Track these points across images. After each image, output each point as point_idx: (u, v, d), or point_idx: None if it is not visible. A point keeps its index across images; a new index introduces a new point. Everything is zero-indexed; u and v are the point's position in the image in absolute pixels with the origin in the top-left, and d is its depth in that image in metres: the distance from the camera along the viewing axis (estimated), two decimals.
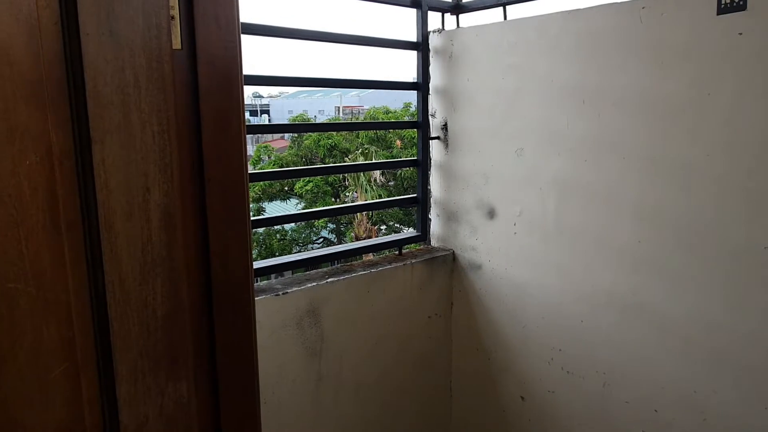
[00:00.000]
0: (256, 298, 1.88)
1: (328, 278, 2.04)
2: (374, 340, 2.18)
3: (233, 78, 1.05)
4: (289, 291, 1.92)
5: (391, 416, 2.29)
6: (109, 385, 0.91)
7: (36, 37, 0.79)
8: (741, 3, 1.49)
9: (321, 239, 16.90)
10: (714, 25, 1.56)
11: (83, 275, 0.87)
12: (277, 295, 1.90)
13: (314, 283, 1.99)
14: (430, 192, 2.46)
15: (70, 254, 0.85)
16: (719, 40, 1.55)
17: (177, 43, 0.98)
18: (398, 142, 15.15)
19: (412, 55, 2.33)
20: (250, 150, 17.78)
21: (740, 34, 1.51)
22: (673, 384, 1.77)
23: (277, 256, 14.72)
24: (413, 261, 2.28)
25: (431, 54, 2.32)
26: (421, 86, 2.32)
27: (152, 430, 0.97)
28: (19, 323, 0.80)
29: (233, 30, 1.05)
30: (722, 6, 1.53)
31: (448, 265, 2.40)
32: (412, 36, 2.30)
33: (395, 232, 16.13)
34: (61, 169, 0.83)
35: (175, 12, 0.97)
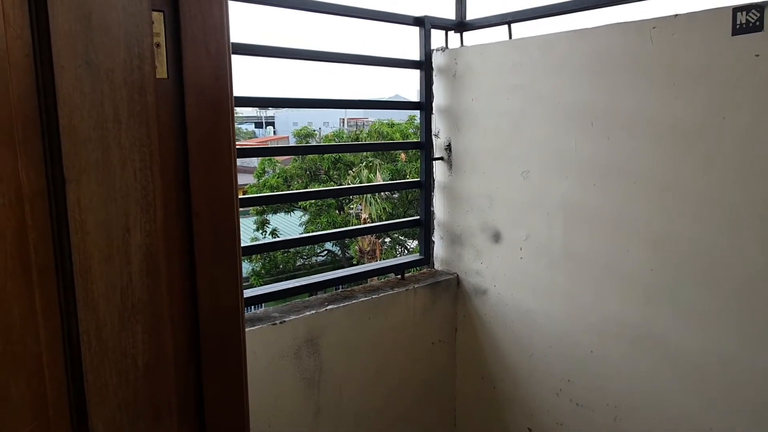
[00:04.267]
0: (252, 328, 1.81)
1: (327, 305, 1.97)
2: (375, 368, 2.11)
3: (223, 107, 0.99)
4: (286, 319, 1.85)
5: None
6: None
7: (5, 71, 0.73)
8: (758, 24, 1.43)
9: (325, 251, 16.84)
10: (729, 46, 1.49)
11: (56, 324, 0.80)
12: (274, 323, 1.83)
13: (313, 311, 1.92)
14: (434, 214, 2.39)
15: (41, 302, 0.78)
16: (734, 62, 1.49)
17: (163, 73, 0.92)
18: (403, 156, 15.10)
19: (416, 73, 2.27)
20: (255, 162, 17.77)
21: (757, 55, 1.44)
22: (688, 420, 1.69)
23: (281, 267, 14.69)
24: (416, 286, 2.21)
25: (434, 73, 2.27)
26: (424, 106, 2.26)
27: None
28: None
29: (224, 57, 0.99)
30: (737, 27, 1.47)
31: (452, 289, 2.33)
32: (414, 54, 2.24)
33: (399, 244, 16.04)
34: (32, 212, 0.77)
35: (161, 40, 0.92)
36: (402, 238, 16.00)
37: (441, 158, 2.32)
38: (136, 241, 0.87)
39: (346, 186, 12.77)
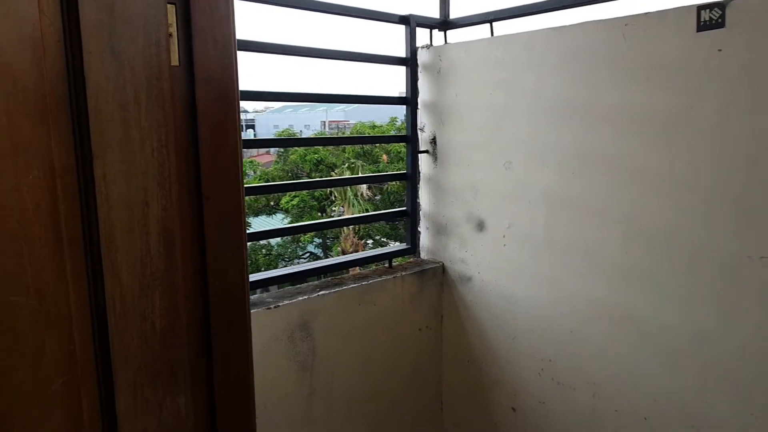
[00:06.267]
0: None
1: (319, 291, 2.05)
2: (365, 353, 2.19)
3: (230, 95, 1.07)
4: (280, 304, 1.93)
5: (382, 430, 2.29)
6: (109, 399, 0.91)
7: (40, 55, 0.80)
8: (720, 21, 1.55)
9: (307, 254, 16.85)
10: (694, 41, 1.61)
11: (84, 289, 0.87)
12: (268, 308, 1.90)
13: (305, 297, 2.00)
14: (420, 205, 2.49)
15: (71, 268, 0.86)
16: (700, 56, 1.60)
17: (175, 60, 1.00)
18: (384, 157, 15.22)
19: (399, 70, 2.37)
20: None
21: (720, 50, 1.56)
22: (664, 394, 1.80)
23: (263, 271, 14.72)
24: (403, 273, 2.30)
25: (420, 69, 2.36)
26: (409, 101, 2.36)
27: None
28: (21, 336, 0.81)
29: (229, 47, 1.07)
30: (702, 23, 1.58)
31: (438, 277, 2.42)
32: (400, 51, 2.34)
33: (382, 246, 16.14)
34: (62, 184, 0.84)
35: (173, 30, 0.99)
36: (384, 240, 16.10)
37: (426, 151, 2.41)
38: (154, 214, 0.94)
39: (344, 177, 12.88)
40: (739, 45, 1.53)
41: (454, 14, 2.33)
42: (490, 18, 2.17)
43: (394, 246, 2.48)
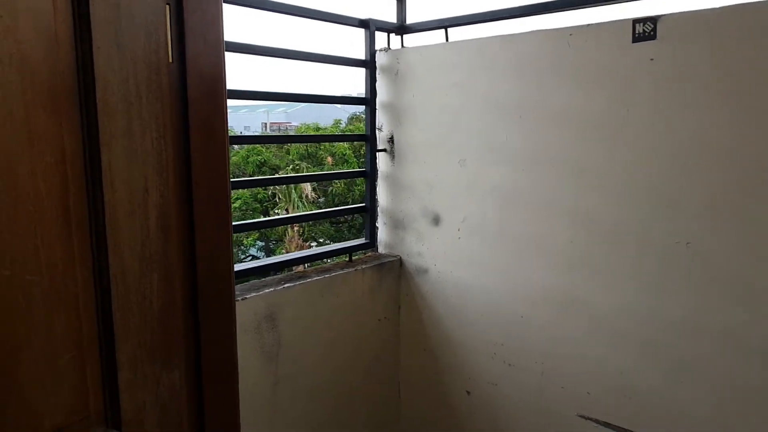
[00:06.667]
0: None
1: (284, 284, 2.13)
2: (328, 343, 2.28)
3: (218, 90, 1.15)
4: (247, 296, 1.99)
5: (343, 417, 2.39)
6: (111, 373, 0.97)
7: (54, 49, 0.86)
8: (652, 33, 1.73)
9: (249, 257, 16.68)
10: (630, 51, 1.79)
11: (89, 268, 0.93)
12: (236, 300, 1.96)
13: (271, 289, 2.07)
14: (378, 201, 2.59)
15: (78, 249, 0.91)
16: (635, 64, 1.78)
17: (169, 57, 1.07)
18: (329, 159, 15.26)
19: (343, 70, 2.47)
20: None
21: (652, 59, 1.75)
22: (604, 369, 1.98)
23: None
24: (363, 267, 2.40)
25: (378, 71, 2.47)
26: (369, 101, 2.46)
27: (149, 416, 1.04)
28: (35, 313, 0.86)
29: (219, 47, 1.14)
30: (636, 35, 1.77)
31: (396, 270, 2.53)
32: (360, 54, 2.44)
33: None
34: (72, 171, 0.90)
35: (168, 29, 1.06)
36: (328, 242, 16.15)
37: (384, 150, 2.52)
38: (153, 200, 1.01)
39: (319, 173, 12.90)
40: (668, 55, 1.72)
41: (410, 20, 2.45)
42: (445, 24, 2.31)
43: (354, 241, 2.58)
